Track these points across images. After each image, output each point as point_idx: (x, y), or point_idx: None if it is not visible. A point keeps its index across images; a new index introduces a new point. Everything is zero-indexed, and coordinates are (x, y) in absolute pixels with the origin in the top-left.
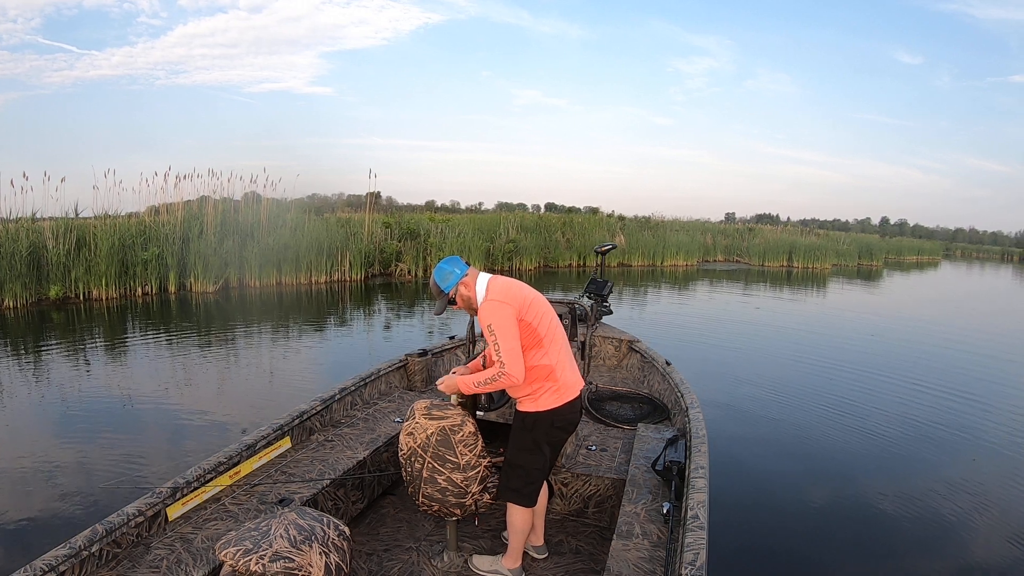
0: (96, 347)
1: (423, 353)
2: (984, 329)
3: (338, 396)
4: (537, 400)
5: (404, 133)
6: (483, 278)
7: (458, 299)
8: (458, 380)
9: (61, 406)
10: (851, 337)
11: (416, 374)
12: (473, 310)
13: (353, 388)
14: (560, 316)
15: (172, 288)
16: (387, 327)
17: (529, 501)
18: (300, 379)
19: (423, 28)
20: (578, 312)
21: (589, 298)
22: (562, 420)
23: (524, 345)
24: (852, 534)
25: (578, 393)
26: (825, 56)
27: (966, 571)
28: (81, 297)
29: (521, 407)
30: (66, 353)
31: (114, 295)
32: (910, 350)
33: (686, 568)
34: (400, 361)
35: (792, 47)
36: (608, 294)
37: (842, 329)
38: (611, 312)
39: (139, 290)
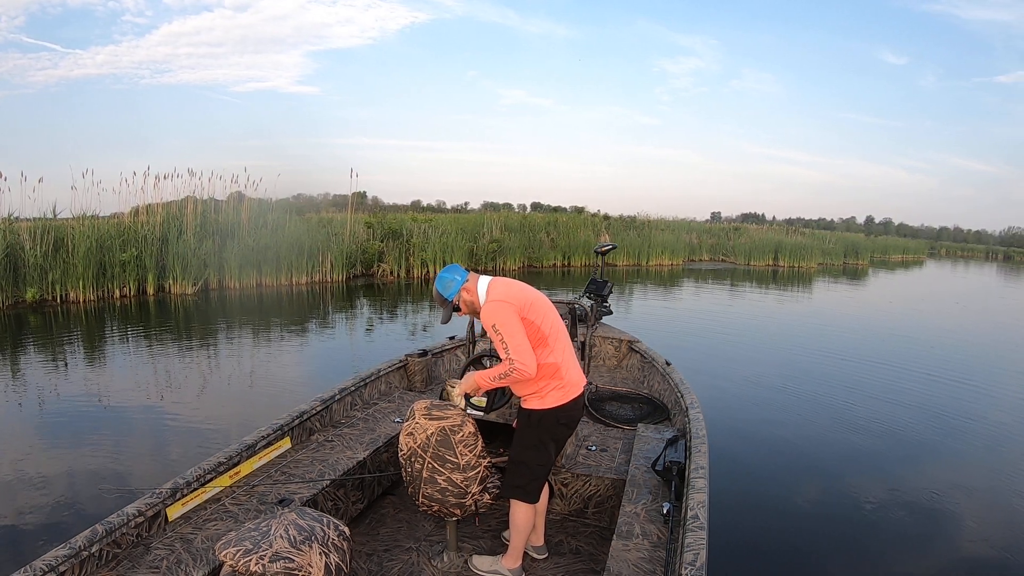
0: (75, 350)
1: (423, 353)
2: (977, 327)
3: (338, 396)
4: (544, 398)
5: (391, 133)
6: (483, 280)
7: (462, 304)
8: (476, 376)
9: (44, 410)
10: (848, 335)
11: (416, 374)
12: (477, 313)
13: (353, 388)
14: (560, 316)
15: (151, 290)
16: (369, 328)
17: (533, 498)
18: (282, 383)
19: (409, 27)
20: (578, 312)
21: (589, 298)
22: (567, 417)
23: (531, 342)
24: (853, 533)
25: (581, 390)
26: (810, 56)
27: (968, 568)
28: (58, 299)
29: (527, 404)
30: (46, 357)
31: (91, 297)
32: (906, 346)
33: (686, 568)
34: (400, 361)
35: (778, 47)
36: (608, 294)
37: (838, 328)
38: (611, 312)
39: (117, 292)
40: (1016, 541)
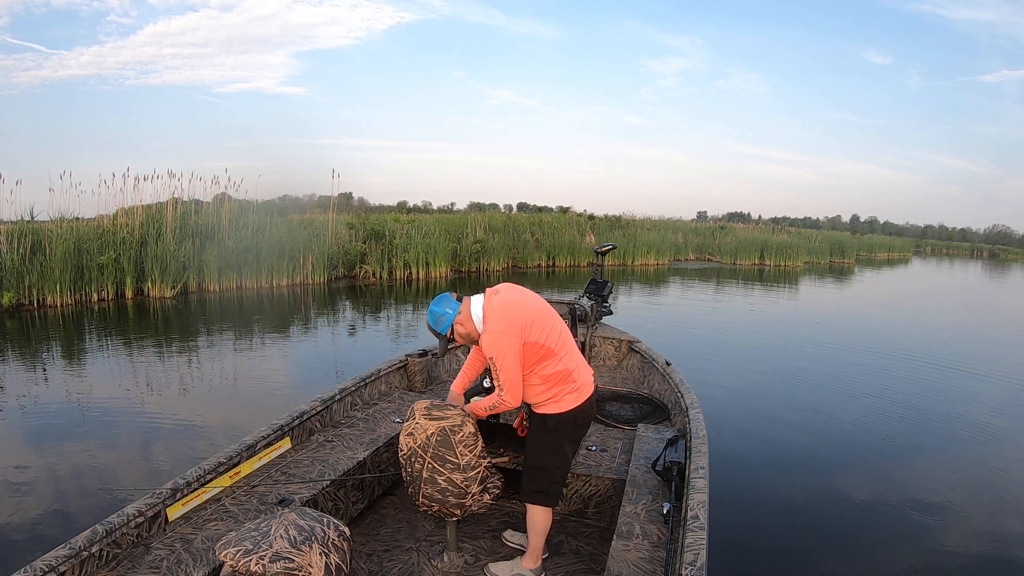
0: (55, 355)
1: (423, 353)
2: (970, 324)
3: (338, 396)
4: (559, 402)
5: (378, 133)
6: (477, 304)
7: (457, 337)
8: (471, 406)
9: (31, 414)
10: (840, 333)
11: (416, 374)
12: (474, 342)
13: (353, 388)
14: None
15: (129, 293)
16: (352, 331)
17: (554, 501)
18: (267, 386)
19: (396, 27)
20: (578, 312)
21: (589, 298)
22: (583, 417)
23: (537, 359)
24: (853, 532)
25: (593, 388)
26: (796, 56)
27: (968, 563)
28: (35, 304)
29: (541, 410)
30: (26, 361)
31: (69, 301)
32: (900, 342)
33: (686, 568)
34: (400, 361)
35: (764, 47)
36: (608, 294)
37: (830, 325)
38: (611, 312)
39: (95, 295)
40: (1006, 535)
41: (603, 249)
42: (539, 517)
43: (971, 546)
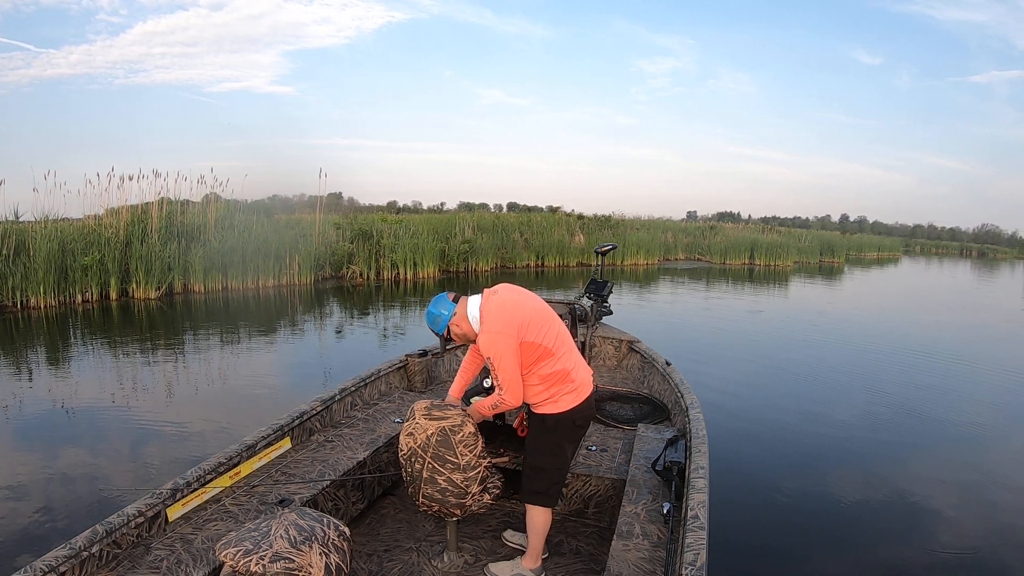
0: (40, 358)
1: (423, 353)
2: (965, 321)
3: (338, 396)
4: (558, 402)
5: (369, 133)
6: (473, 305)
7: (454, 337)
8: (475, 407)
9: (26, 415)
10: (841, 333)
11: (416, 374)
12: (472, 342)
13: (353, 388)
14: (560, 317)
15: (113, 295)
16: (339, 333)
17: (553, 502)
18: (254, 389)
19: (386, 27)
20: (578, 312)
21: (589, 298)
22: (582, 418)
23: (535, 359)
24: (854, 532)
25: (592, 388)
26: (786, 56)
27: (970, 563)
28: (18, 305)
29: (540, 410)
30: (11, 363)
31: (52, 303)
32: (901, 344)
33: (686, 568)
34: (400, 361)
35: (754, 47)
36: (608, 294)
37: (826, 326)
38: (611, 312)
39: (79, 297)
40: (1004, 534)
41: (603, 249)
42: (539, 517)
43: (970, 544)
